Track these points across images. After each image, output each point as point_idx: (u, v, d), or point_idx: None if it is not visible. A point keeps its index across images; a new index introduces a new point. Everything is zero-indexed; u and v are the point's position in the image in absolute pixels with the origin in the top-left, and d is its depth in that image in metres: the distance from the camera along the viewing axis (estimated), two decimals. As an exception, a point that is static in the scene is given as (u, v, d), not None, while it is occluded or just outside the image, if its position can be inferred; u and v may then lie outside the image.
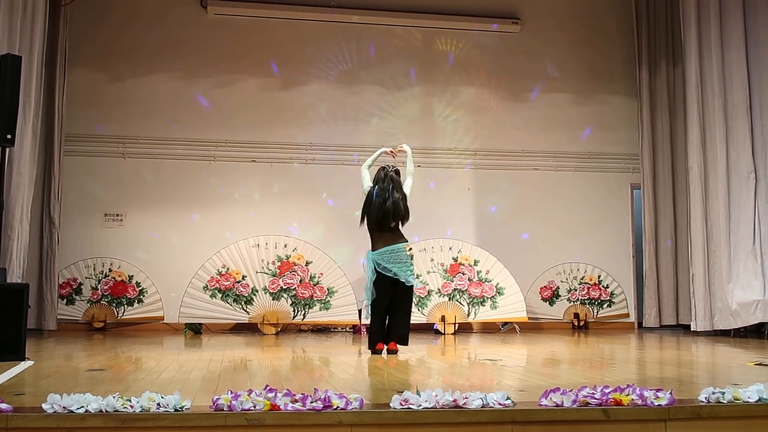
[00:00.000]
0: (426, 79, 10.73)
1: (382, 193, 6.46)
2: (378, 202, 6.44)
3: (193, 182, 10.07)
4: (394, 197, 6.43)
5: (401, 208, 6.46)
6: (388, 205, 6.41)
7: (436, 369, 5.54)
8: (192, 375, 4.72)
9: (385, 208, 6.41)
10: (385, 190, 6.46)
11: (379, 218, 6.43)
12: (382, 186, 6.50)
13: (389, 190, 6.46)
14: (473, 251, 10.03)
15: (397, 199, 6.44)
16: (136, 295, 9.67)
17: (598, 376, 4.72)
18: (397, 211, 6.44)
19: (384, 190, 6.47)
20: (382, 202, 6.42)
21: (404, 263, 6.36)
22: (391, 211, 6.41)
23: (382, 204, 6.42)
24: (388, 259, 6.35)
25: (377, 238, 6.47)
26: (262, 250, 9.59)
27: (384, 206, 6.41)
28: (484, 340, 8.57)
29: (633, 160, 10.83)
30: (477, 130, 10.78)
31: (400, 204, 6.45)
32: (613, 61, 11.11)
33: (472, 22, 10.77)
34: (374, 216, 6.45)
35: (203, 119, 10.16)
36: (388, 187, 6.48)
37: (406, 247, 6.43)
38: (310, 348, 7.37)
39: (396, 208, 6.43)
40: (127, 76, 10.10)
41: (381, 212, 6.42)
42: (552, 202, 10.78)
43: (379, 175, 6.60)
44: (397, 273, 6.32)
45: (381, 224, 6.45)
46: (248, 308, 9.37)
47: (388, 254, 6.36)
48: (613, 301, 10.63)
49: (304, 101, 10.43)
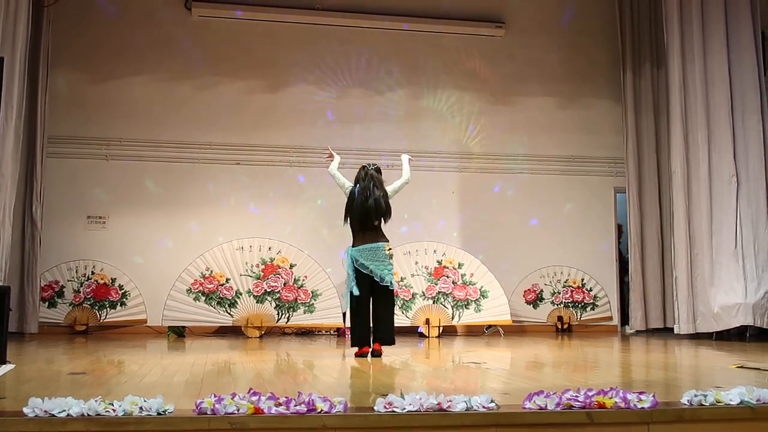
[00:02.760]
0: (411, 82, 10.74)
1: (364, 191, 6.55)
2: (360, 201, 6.52)
3: (177, 185, 10.02)
4: (375, 195, 6.52)
5: (382, 205, 6.53)
6: (369, 203, 6.49)
7: (421, 372, 5.55)
8: (175, 378, 4.71)
9: (367, 205, 6.49)
10: (366, 189, 6.55)
11: (361, 216, 6.51)
12: (363, 184, 6.59)
13: (370, 188, 6.55)
14: (457, 254, 10.05)
15: (378, 196, 6.52)
16: (119, 298, 9.61)
17: (582, 379, 4.73)
18: (379, 209, 6.51)
19: (365, 188, 6.56)
20: (364, 200, 6.51)
21: (382, 262, 6.41)
22: (372, 209, 6.48)
23: (363, 202, 6.50)
24: (367, 256, 6.41)
25: (359, 236, 6.54)
26: (246, 252, 9.56)
27: (366, 204, 6.49)
28: (468, 343, 8.59)
29: (617, 163, 10.89)
30: (462, 133, 10.80)
31: (381, 201, 6.53)
32: (598, 64, 11.16)
33: (457, 25, 10.78)
34: (356, 214, 6.53)
35: (187, 121, 10.12)
36: (369, 185, 6.56)
37: (386, 246, 6.49)
38: (294, 351, 7.36)
39: (377, 205, 6.50)
40: (111, 78, 10.04)
41: (363, 210, 6.50)
42: (536, 205, 10.81)
43: (360, 174, 6.69)
44: (373, 271, 6.38)
45: (363, 222, 6.52)
46: (232, 311, 9.34)
47: (367, 251, 6.43)
48: (596, 305, 10.68)
49: (289, 104, 10.41)
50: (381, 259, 6.43)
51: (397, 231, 9.81)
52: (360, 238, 6.52)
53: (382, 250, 6.45)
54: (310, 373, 5.32)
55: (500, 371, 5.49)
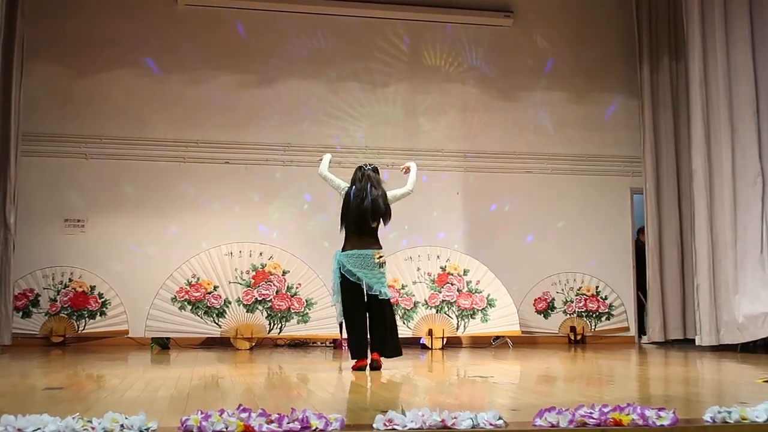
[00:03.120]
0: (411, 75, 10.75)
1: (360, 192, 6.50)
2: (356, 203, 6.48)
3: (162, 185, 10.02)
4: (372, 195, 6.48)
5: (381, 206, 6.49)
6: (366, 204, 6.45)
7: (423, 387, 5.54)
8: (159, 394, 4.69)
9: (363, 207, 6.45)
10: (363, 189, 6.51)
11: (357, 219, 6.47)
12: (360, 185, 6.55)
13: (367, 188, 6.51)
14: (462, 260, 10.05)
15: (375, 196, 6.48)
16: (99, 308, 9.61)
17: (597, 394, 4.73)
18: (376, 210, 6.47)
19: (361, 189, 6.52)
20: (360, 201, 6.47)
21: (371, 271, 6.38)
22: (369, 211, 6.45)
23: (360, 204, 6.46)
24: (354, 263, 6.39)
25: (351, 240, 6.50)
26: (236, 258, 9.56)
27: (362, 206, 6.46)
28: (474, 356, 8.57)
29: (633, 163, 10.89)
30: (466, 130, 10.81)
31: (379, 201, 6.49)
32: (612, 56, 11.17)
33: (462, 15, 10.79)
34: (352, 217, 6.49)
35: (173, 118, 10.13)
36: (366, 185, 6.53)
37: (375, 254, 6.44)
38: (287, 364, 7.34)
39: (375, 206, 6.46)
40: (91, 72, 10.05)
41: (359, 212, 6.46)
42: (547, 207, 10.82)
43: (356, 176, 6.65)
44: (360, 279, 6.36)
45: (359, 226, 6.49)
46: (220, 321, 9.34)
47: (354, 258, 6.41)
48: (612, 314, 10.67)
49: (281, 99, 10.42)
50: (370, 268, 6.39)
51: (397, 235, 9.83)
52: (351, 243, 6.48)
53: (371, 258, 6.41)
54: (305, 387, 5.30)
55: (509, 386, 5.48)
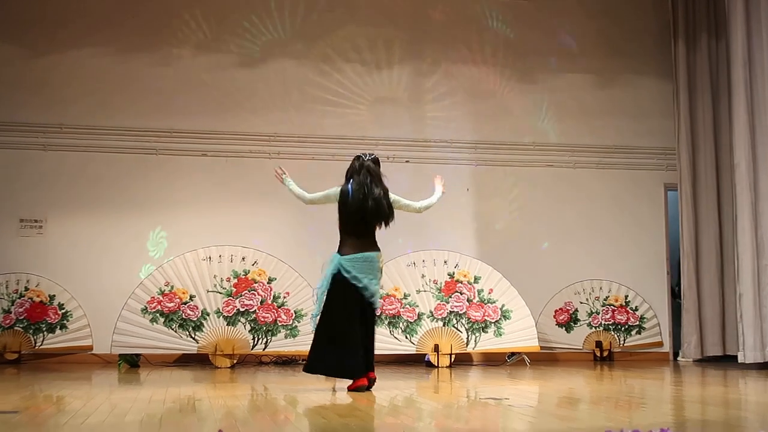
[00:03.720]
0: (415, 55, 10.73)
1: (360, 188, 6.45)
2: (357, 200, 6.42)
3: (131, 180, 10.00)
4: (375, 194, 6.44)
5: (384, 208, 6.47)
6: (369, 204, 6.41)
7: (428, 410, 5.53)
8: (127, 418, 4.69)
9: (367, 207, 6.41)
10: (363, 185, 6.46)
11: (358, 220, 6.44)
12: (359, 179, 6.49)
13: (368, 184, 6.46)
14: (473, 265, 10.02)
15: (378, 196, 6.45)
16: (59, 320, 9.58)
17: (626, 419, 4.73)
18: (380, 212, 6.46)
19: (362, 184, 6.46)
20: (362, 199, 6.42)
21: (375, 276, 6.44)
22: (373, 212, 6.43)
23: (362, 202, 6.41)
24: (361, 268, 6.39)
25: (351, 243, 6.46)
26: (215, 263, 9.54)
27: (365, 205, 6.41)
28: (486, 375, 8.57)
29: (667, 155, 10.89)
30: (478, 118, 10.79)
31: (382, 202, 6.47)
32: (644, 34, 11.17)
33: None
34: (352, 217, 6.44)
35: (143, 104, 10.11)
36: (366, 180, 6.48)
37: (379, 258, 6.50)
38: (273, 384, 7.35)
39: (378, 207, 6.44)
40: (49, 52, 10.02)
41: (360, 212, 6.42)
42: (569, 205, 10.81)
43: (353, 166, 6.59)
44: (366, 286, 6.37)
45: (358, 227, 6.46)
46: (197, 336, 9.32)
47: (360, 262, 6.40)
48: (643, 327, 10.65)
49: (266, 82, 10.40)
50: (374, 273, 6.44)
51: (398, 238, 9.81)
52: (351, 245, 6.45)
53: (376, 261, 6.46)
54: (293, 411, 5.30)
55: (526, 409, 5.47)
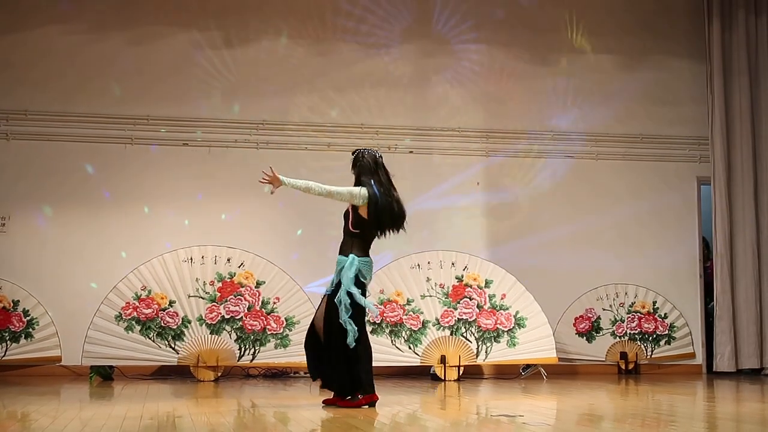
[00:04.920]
0: (420, 34, 10.72)
1: (386, 191, 6.53)
2: (386, 204, 6.48)
3: (103, 173, 9.99)
4: (396, 197, 6.58)
5: (404, 212, 6.61)
6: (397, 210, 6.53)
7: (434, 428, 5.54)
8: (98, 437, 4.66)
9: (396, 213, 6.53)
10: (386, 186, 6.55)
11: (384, 224, 6.52)
12: (379, 179, 6.55)
13: (389, 185, 6.58)
14: (484, 268, 10.01)
15: (398, 198, 6.60)
16: (24, 328, 9.58)
17: (656, 438, 4.72)
18: (403, 215, 6.59)
19: (385, 186, 6.55)
20: (392, 203, 6.52)
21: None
22: (397, 217, 6.55)
23: (391, 206, 6.50)
24: (371, 274, 6.56)
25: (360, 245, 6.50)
26: (197, 265, 9.53)
27: (395, 211, 6.52)
28: (498, 389, 8.59)
29: (701, 145, 10.88)
30: (489, 104, 10.79)
31: (402, 206, 6.61)
32: (674, 11, 11.16)
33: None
34: (382, 221, 6.49)
35: (117, 88, 10.09)
36: (384, 179, 6.58)
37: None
38: (261, 399, 7.35)
39: (401, 211, 6.57)
40: (12, 30, 10.02)
41: (392, 218, 6.52)
42: (591, 201, 10.80)
43: (369, 165, 6.59)
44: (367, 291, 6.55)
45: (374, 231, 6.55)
46: (177, 345, 9.31)
47: (370, 267, 6.54)
48: (673, 336, 10.64)
49: (253, 65, 10.39)
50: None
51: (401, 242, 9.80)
52: (361, 248, 6.49)
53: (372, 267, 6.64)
54: (284, 428, 5.29)
55: (542, 427, 5.47)
